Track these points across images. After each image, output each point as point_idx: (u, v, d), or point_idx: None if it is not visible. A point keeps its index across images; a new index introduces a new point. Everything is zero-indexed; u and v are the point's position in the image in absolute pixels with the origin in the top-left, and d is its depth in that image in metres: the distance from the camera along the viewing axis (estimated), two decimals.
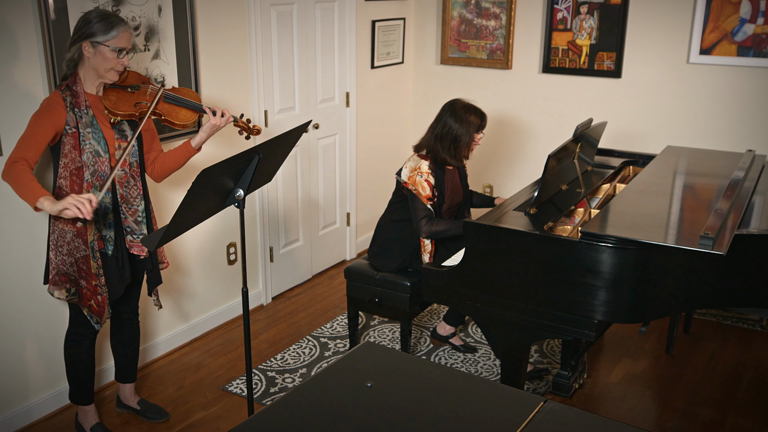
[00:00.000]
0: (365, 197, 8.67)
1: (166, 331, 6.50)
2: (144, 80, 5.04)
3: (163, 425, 5.54)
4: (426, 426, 2.71)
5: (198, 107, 5.06)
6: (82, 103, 4.69)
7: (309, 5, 7.31)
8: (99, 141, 4.73)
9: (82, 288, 4.88)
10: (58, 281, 4.83)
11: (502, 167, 8.58)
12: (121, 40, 4.64)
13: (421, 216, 5.68)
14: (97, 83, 4.79)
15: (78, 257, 4.81)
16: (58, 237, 4.77)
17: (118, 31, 4.61)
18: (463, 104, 5.81)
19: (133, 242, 5.03)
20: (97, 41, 4.58)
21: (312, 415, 2.78)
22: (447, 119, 5.76)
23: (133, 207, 4.97)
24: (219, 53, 6.45)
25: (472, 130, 5.73)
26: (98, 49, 4.61)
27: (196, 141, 5.16)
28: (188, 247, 6.53)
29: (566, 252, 4.49)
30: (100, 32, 4.57)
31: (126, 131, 4.89)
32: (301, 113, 7.47)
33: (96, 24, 4.57)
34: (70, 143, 4.66)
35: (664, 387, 6.01)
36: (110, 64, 4.68)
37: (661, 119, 7.54)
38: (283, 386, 5.98)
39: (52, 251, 4.81)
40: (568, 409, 2.78)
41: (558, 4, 7.77)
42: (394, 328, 6.92)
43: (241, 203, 4.43)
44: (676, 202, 5.22)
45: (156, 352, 6.42)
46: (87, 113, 4.70)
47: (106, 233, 4.88)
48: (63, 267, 4.81)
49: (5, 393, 5.33)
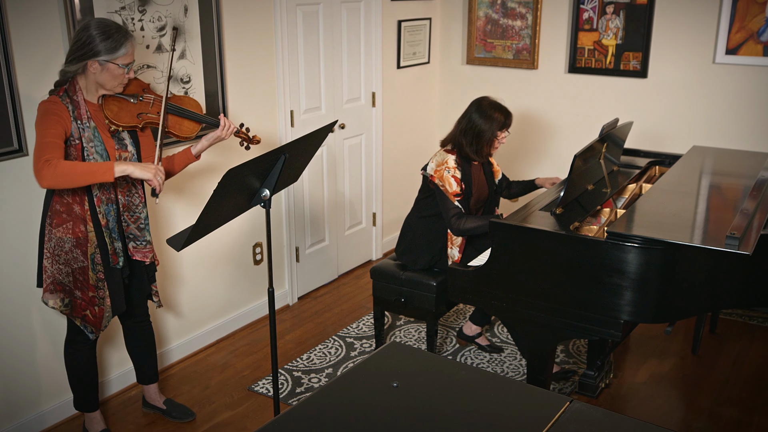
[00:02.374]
0: (391, 197, 8.67)
1: (192, 331, 6.52)
2: (144, 86, 4.99)
3: (189, 425, 5.55)
4: (452, 426, 2.71)
5: (201, 118, 5.06)
6: (84, 115, 4.64)
7: (335, 5, 7.32)
8: (102, 154, 4.70)
9: (76, 299, 4.84)
10: (53, 290, 4.80)
11: (528, 167, 8.57)
12: (128, 57, 4.62)
13: (451, 214, 5.68)
14: (99, 94, 4.74)
15: (75, 268, 4.78)
16: (55, 246, 4.74)
17: (126, 48, 4.58)
18: (490, 101, 5.82)
19: (136, 249, 5.01)
20: (104, 60, 4.55)
21: (338, 415, 2.78)
22: (473, 114, 5.78)
23: (136, 214, 4.96)
24: (245, 53, 6.46)
25: (495, 127, 5.73)
26: (105, 67, 4.57)
27: (197, 149, 5.15)
28: (214, 247, 6.55)
29: (592, 252, 4.49)
30: (107, 51, 4.52)
31: (125, 140, 4.85)
32: (327, 113, 7.48)
33: (101, 42, 4.51)
34: (73, 154, 4.62)
35: (690, 387, 5.99)
36: (118, 80, 4.67)
37: (686, 119, 7.51)
38: (309, 386, 5.99)
39: (47, 259, 4.77)
40: (594, 409, 2.78)
41: (584, 4, 7.75)
42: (420, 328, 6.92)
43: (267, 203, 4.44)
44: (702, 202, 5.20)
45: (182, 352, 6.44)
46: (89, 125, 4.66)
47: (117, 246, 4.87)
48: (59, 276, 4.78)
49: (18, 399, 5.33)
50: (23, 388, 5.33)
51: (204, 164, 6.08)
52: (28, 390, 5.36)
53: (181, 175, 5.62)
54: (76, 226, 4.71)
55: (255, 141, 5.27)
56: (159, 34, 5.68)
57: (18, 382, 5.29)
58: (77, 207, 4.69)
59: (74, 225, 4.71)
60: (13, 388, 5.26)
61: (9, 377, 5.22)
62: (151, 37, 5.64)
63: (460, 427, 2.70)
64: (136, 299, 5.29)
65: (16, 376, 5.27)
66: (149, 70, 5.67)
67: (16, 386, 5.28)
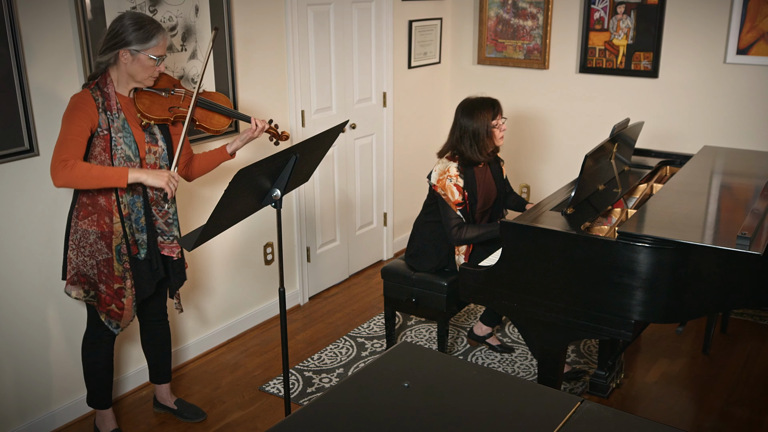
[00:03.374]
0: (402, 197, 8.67)
1: (203, 332, 6.53)
2: (175, 82, 5.04)
3: (200, 425, 5.56)
4: (463, 426, 2.71)
5: (231, 113, 5.09)
6: (114, 106, 4.68)
7: (346, 5, 7.33)
8: (130, 145, 4.72)
9: (100, 292, 4.86)
10: (76, 281, 4.82)
11: (538, 167, 8.57)
12: (160, 48, 4.65)
13: (453, 225, 5.67)
14: (130, 86, 4.78)
15: (100, 260, 4.80)
16: (80, 238, 4.76)
17: (158, 40, 4.62)
18: (470, 101, 5.83)
19: (164, 243, 5.04)
20: (135, 49, 4.58)
21: (349, 415, 2.78)
22: (460, 120, 5.77)
23: (164, 209, 4.97)
24: (256, 53, 6.47)
25: (488, 120, 5.71)
26: (137, 57, 4.61)
27: (233, 148, 5.20)
28: (225, 247, 6.56)
29: (603, 252, 4.48)
30: (138, 41, 4.56)
31: (156, 134, 4.88)
32: (337, 113, 7.49)
33: (133, 32, 4.55)
34: (100, 145, 4.65)
35: (701, 387, 5.98)
36: (148, 72, 4.69)
37: (697, 119, 7.50)
38: (320, 386, 5.99)
39: (73, 251, 4.80)
40: (605, 409, 2.78)
41: (595, 4, 7.75)
42: (431, 328, 6.92)
43: (278, 203, 4.45)
44: (713, 202, 5.19)
45: (193, 352, 6.45)
46: (119, 117, 4.69)
47: (138, 237, 4.88)
48: (83, 268, 4.80)
49: (30, 399, 5.34)
50: (35, 388, 5.34)
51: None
52: (40, 390, 5.37)
53: (216, 169, 5.62)
54: (101, 219, 4.72)
55: (284, 137, 5.29)
56: (170, 34, 5.68)
57: (30, 382, 5.30)
58: (103, 199, 4.70)
59: (99, 217, 4.72)
60: (24, 388, 5.28)
61: (21, 377, 5.24)
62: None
63: (471, 427, 2.70)
64: (156, 298, 5.32)
65: (29, 376, 5.29)
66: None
67: (27, 386, 5.29)
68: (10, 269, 5.05)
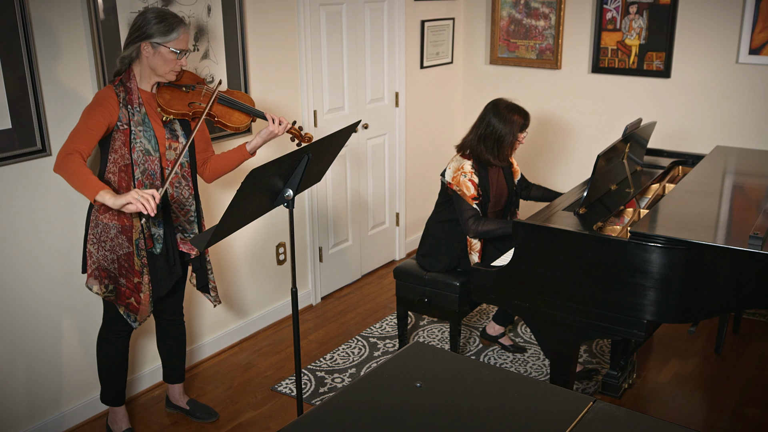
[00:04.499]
0: (414, 197, 8.67)
1: (215, 332, 6.54)
2: (199, 80, 5.05)
3: (212, 425, 5.57)
4: (475, 426, 2.71)
5: (251, 111, 5.07)
6: (135, 101, 4.68)
7: (358, 5, 7.33)
8: (150, 140, 4.73)
9: (120, 286, 4.85)
10: (97, 275, 4.81)
11: (551, 167, 8.56)
12: (181, 42, 4.65)
13: (468, 216, 5.68)
14: (153, 81, 4.78)
15: (120, 254, 4.79)
16: (101, 232, 4.76)
17: (179, 33, 4.62)
18: (506, 104, 5.80)
19: (183, 241, 5.05)
20: (156, 42, 4.58)
21: (361, 415, 2.78)
22: (491, 119, 5.75)
23: (185, 207, 4.98)
24: (268, 53, 6.48)
25: (516, 130, 5.72)
26: (158, 50, 4.61)
27: (252, 146, 5.16)
28: (237, 247, 6.57)
29: (615, 252, 4.48)
30: (160, 33, 4.57)
31: (177, 131, 4.89)
32: (350, 113, 7.49)
33: (155, 25, 4.56)
34: (120, 139, 4.65)
35: (714, 387, 5.97)
36: (170, 66, 4.69)
37: (710, 119, 7.49)
38: (332, 386, 6.00)
39: (93, 245, 4.79)
40: (618, 409, 2.78)
41: (607, 4, 7.74)
42: (444, 328, 6.92)
43: (290, 203, 4.45)
44: (726, 202, 5.19)
45: (205, 352, 6.46)
46: (139, 111, 4.69)
47: (155, 231, 4.87)
48: (104, 263, 4.79)
49: (40, 400, 5.35)
50: (46, 388, 5.35)
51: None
52: (51, 390, 5.39)
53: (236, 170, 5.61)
54: (123, 213, 4.71)
55: (307, 138, 5.23)
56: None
57: (41, 382, 5.31)
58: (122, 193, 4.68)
59: (120, 212, 4.70)
60: (35, 388, 5.29)
61: (32, 377, 5.25)
62: None
63: (484, 427, 2.71)
64: (175, 293, 5.34)
65: (40, 376, 5.30)
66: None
67: (38, 386, 5.30)
68: (23, 269, 5.06)
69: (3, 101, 4.75)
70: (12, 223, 4.94)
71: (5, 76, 4.73)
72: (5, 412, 5.14)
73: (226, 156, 5.21)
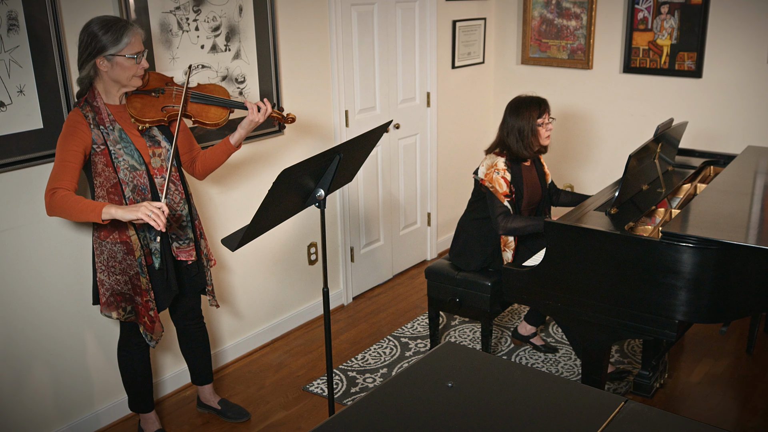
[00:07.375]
0: (446, 197, 8.66)
1: (247, 332, 6.55)
2: (167, 80, 4.92)
3: (243, 425, 5.58)
4: (507, 426, 2.70)
5: (228, 103, 4.98)
6: (106, 119, 4.58)
7: (390, 5, 7.33)
8: (132, 154, 4.64)
9: (137, 305, 4.80)
10: (112, 302, 4.74)
11: (582, 167, 8.54)
12: (135, 45, 4.52)
13: (498, 212, 5.67)
14: (120, 93, 4.67)
15: (132, 274, 4.72)
16: (108, 257, 4.68)
17: (129, 36, 4.48)
18: (519, 99, 5.86)
19: (180, 249, 4.94)
20: (110, 54, 4.46)
21: (393, 415, 2.78)
22: (508, 118, 5.81)
23: (177, 212, 4.88)
24: (300, 53, 6.48)
25: (533, 118, 5.72)
26: (114, 61, 4.49)
27: (236, 138, 5.11)
28: (269, 247, 6.57)
29: (647, 252, 4.46)
30: (111, 44, 4.44)
31: (157, 136, 4.79)
32: (381, 113, 7.49)
33: (103, 36, 4.42)
34: (102, 162, 4.56)
35: (745, 387, 5.94)
36: (131, 72, 4.56)
37: (741, 119, 7.45)
38: (363, 386, 6.00)
39: (103, 272, 4.71)
40: (649, 409, 2.76)
41: (639, 4, 7.71)
42: (475, 328, 6.91)
43: (322, 203, 4.44)
44: (757, 202, 5.15)
45: (237, 352, 6.47)
46: (113, 129, 4.59)
47: (152, 246, 4.79)
48: (117, 287, 4.72)
49: (73, 399, 5.38)
50: (76, 390, 5.38)
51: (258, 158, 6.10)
52: (81, 391, 5.41)
53: (224, 165, 5.60)
54: (122, 233, 4.66)
55: (289, 119, 5.19)
56: (214, 34, 5.70)
57: (70, 384, 5.34)
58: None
59: (120, 232, 4.65)
60: (65, 389, 5.32)
61: (61, 379, 5.28)
62: (206, 37, 5.66)
63: (515, 427, 2.70)
64: (188, 301, 5.30)
65: (68, 378, 5.32)
66: (204, 70, 5.69)
67: (68, 388, 5.33)
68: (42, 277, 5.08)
69: (35, 101, 4.76)
70: (45, 220, 4.96)
71: (37, 77, 4.75)
72: (31, 413, 5.16)
73: (213, 152, 5.16)
